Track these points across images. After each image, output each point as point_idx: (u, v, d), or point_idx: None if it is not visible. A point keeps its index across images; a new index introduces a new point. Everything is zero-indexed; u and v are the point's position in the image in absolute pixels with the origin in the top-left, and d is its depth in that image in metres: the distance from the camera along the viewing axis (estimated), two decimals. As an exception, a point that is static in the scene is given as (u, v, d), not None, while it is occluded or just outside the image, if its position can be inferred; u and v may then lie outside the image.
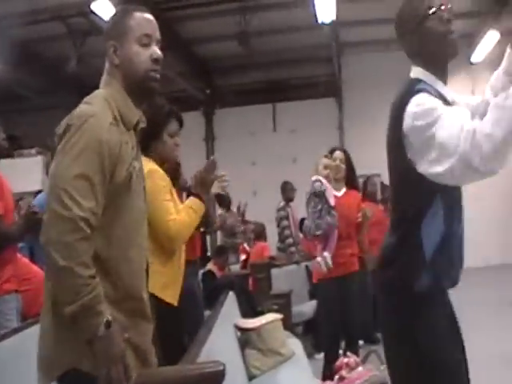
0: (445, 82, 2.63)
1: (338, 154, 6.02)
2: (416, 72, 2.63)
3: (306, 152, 11.93)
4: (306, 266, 9.02)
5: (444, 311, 2.62)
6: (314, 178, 5.83)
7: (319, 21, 11.21)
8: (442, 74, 2.62)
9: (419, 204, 2.50)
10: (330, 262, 5.61)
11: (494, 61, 13.91)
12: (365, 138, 14.36)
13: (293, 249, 9.82)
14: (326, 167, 5.88)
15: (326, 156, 6.00)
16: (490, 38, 13.92)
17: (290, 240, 9.85)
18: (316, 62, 15.71)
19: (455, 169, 2.28)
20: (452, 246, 2.57)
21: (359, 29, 14.60)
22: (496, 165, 2.26)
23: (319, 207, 5.70)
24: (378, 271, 2.66)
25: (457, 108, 2.49)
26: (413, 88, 2.51)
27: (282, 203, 10.07)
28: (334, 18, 11.16)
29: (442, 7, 2.55)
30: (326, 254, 5.65)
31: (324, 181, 5.78)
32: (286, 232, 9.88)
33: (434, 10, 2.54)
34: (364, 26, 14.36)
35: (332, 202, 5.75)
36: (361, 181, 7.47)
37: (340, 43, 15.33)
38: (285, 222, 9.87)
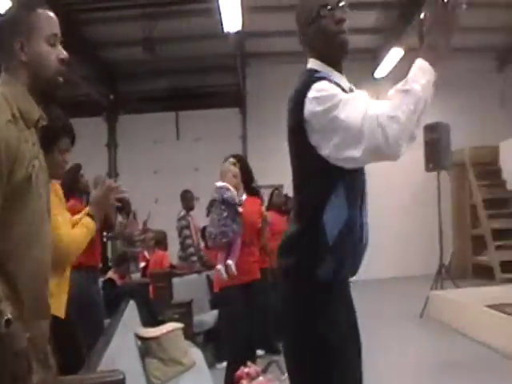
0: (340, 72, 2.67)
1: (232, 160, 6.05)
2: (312, 63, 2.68)
3: (209, 161, 11.92)
4: (207, 276, 9.01)
5: (345, 301, 2.68)
6: (219, 184, 5.83)
7: (225, 30, 11.23)
8: (338, 66, 2.67)
9: (322, 190, 2.51)
10: (234, 269, 5.61)
11: (398, 77, 14.28)
12: (268, 149, 14.46)
13: (194, 258, 9.79)
14: (235, 176, 5.90)
15: (234, 164, 6.01)
16: (394, 55, 14.29)
17: (192, 249, 9.82)
18: (221, 72, 15.72)
19: (366, 152, 2.32)
20: (355, 232, 2.59)
21: (265, 40, 14.73)
22: (401, 147, 2.33)
23: (225, 214, 5.69)
24: (281, 259, 2.64)
25: (358, 93, 2.54)
26: (311, 76, 2.55)
27: (183, 212, 10.00)
28: (239, 27, 11.19)
29: (341, 3, 2.63)
30: (229, 261, 5.64)
31: (232, 189, 5.79)
32: (188, 241, 9.83)
33: (327, 9, 2.60)
34: (270, 37, 14.49)
35: (240, 209, 5.78)
36: (264, 191, 7.53)
37: (245, 53, 15.42)
38: (186, 232, 9.82)
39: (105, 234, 6.83)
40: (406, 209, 16.03)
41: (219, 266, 5.69)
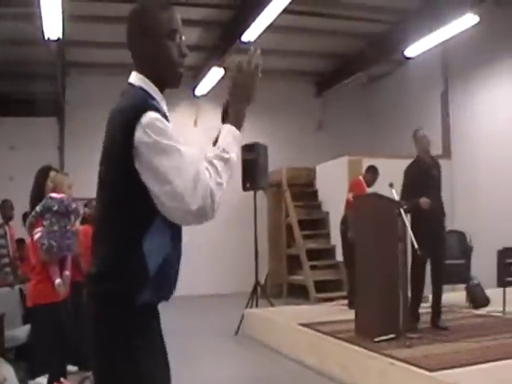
0: (162, 93, 2.57)
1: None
2: (139, 80, 2.52)
3: (24, 171, 11.39)
4: (20, 289, 8.57)
5: (158, 328, 2.58)
6: (59, 195, 5.68)
7: (46, 37, 10.81)
8: (161, 88, 2.56)
9: (143, 217, 2.37)
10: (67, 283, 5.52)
11: (218, 95, 14.41)
12: (86, 161, 14.00)
13: (8, 269, 9.30)
14: (69, 187, 5.79)
15: (66, 175, 5.93)
16: (215, 74, 14.39)
17: (6, 260, 9.31)
18: (41, 79, 15.10)
19: (191, 213, 2.28)
20: (175, 263, 2.53)
21: (87, 50, 14.37)
22: (215, 212, 2.35)
23: (68, 227, 5.56)
24: (95, 282, 2.47)
25: (192, 150, 2.43)
26: (144, 99, 2.41)
27: (0, 221, 9.53)
28: (60, 35, 10.82)
29: (182, 38, 2.55)
30: (67, 273, 5.56)
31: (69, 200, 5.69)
32: (2, 251, 9.33)
33: (177, 36, 2.53)
34: (92, 48, 14.16)
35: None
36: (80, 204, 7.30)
37: (66, 62, 14.96)
38: (1, 241, 9.33)
39: None
40: (224, 227, 16.09)
41: (58, 280, 5.50)
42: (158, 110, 2.38)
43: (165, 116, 2.42)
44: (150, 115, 2.31)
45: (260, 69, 2.65)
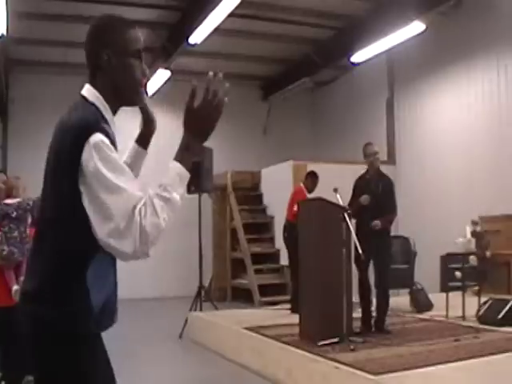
0: (114, 113, 2.48)
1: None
2: (92, 94, 2.42)
3: (-34, 171, 11.16)
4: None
5: (104, 352, 2.50)
6: (7, 200, 5.55)
7: (-11, 34, 10.59)
8: (116, 105, 2.48)
9: (86, 243, 2.26)
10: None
11: (164, 97, 14.33)
12: (30, 161, 13.78)
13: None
14: (24, 190, 5.67)
15: (18, 178, 5.81)
16: (161, 75, 14.29)
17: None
18: (-17, 77, 14.85)
19: (120, 248, 2.21)
20: (115, 290, 2.49)
21: (31, 47, 14.13)
22: (148, 253, 2.32)
23: (20, 230, 5.44)
24: (35, 306, 2.37)
25: (132, 182, 2.32)
26: (95, 120, 2.31)
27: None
28: (4, 32, 10.60)
29: (143, 64, 2.51)
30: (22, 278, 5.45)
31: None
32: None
33: (141, 55, 2.50)
34: (36, 46, 13.93)
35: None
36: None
37: (10, 60, 14.67)
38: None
39: None
40: (169, 230, 15.89)
41: (16, 287, 5.39)
42: (108, 134, 2.28)
43: (113, 143, 2.32)
44: (100, 138, 2.22)
45: (226, 99, 2.52)
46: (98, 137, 2.22)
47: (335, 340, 6.84)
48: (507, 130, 11.68)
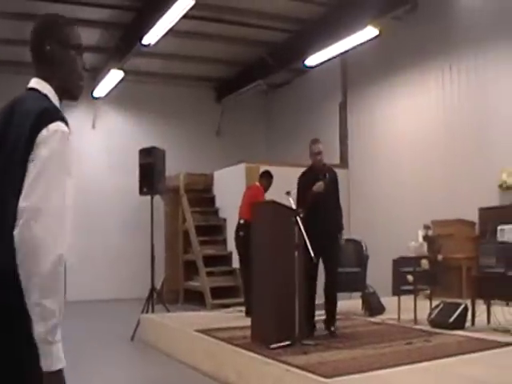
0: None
1: None
2: (43, 87, 2.43)
3: None
4: None
5: None
6: None
7: None
8: (60, 99, 2.51)
9: None
10: None
11: (117, 97, 14.13)
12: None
13: None
14: None
15: None
16: (114, 75, 14.15)
17: None
18: None
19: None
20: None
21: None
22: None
23: None
24: None
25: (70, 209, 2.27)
26: (56, 108, 2.33)
27: None
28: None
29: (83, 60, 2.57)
30: None
31: None
32: None
33: (81, 50, 2.55)
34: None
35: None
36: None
37: None
38: None
39: None
40: (122, 231, 15.92)
41: None
42: (67, 125, 2.29)
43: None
44: (61, 127, 2.24)
45: None
46: (59, 125, 2.23)
47: (287, 343, 6.82)
48: (458, 135, 11.84)
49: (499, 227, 9.37)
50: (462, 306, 7.76)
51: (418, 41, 12.74)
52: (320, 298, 7.93)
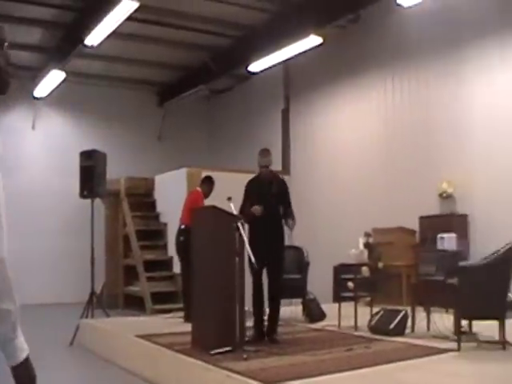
0: None
1: None
2: None
3: None
4: None
5: None
6: None
7: None
8: None
9: None
10: None
11: (58, 98, 13.89)
12: None
13: None
14: None
15: None
16: (55, 76, 13.94)
17: None
18: None
19: None
20: None
21: None
22: None
23: None
24: None
25: None
26: None
27: None
28: None
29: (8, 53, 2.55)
30: None
31: None
32: None
33: (5, 45, 2.55)
34: None
35: None
36: None
37: None
38: None
39: None
40: (62, 235, 15.71)
41: None
42: None
43: None
44: None
45: None
46: None
47: (228, 349, 6.79)
48: (400, 145, 12.01)
49: (439, 235, 9.54)
50: (402, 313, 7.84)
51: (362, 50, 12.90)
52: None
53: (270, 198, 7.82)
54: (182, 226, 9.96)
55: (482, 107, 10.72)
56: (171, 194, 13.72)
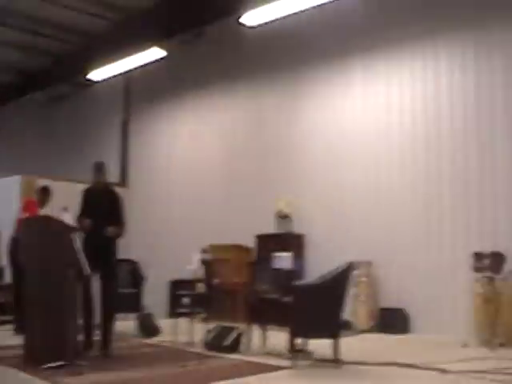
0: None
1: None
2: None
3: None
4: None
5: None
6: None
7: None
8: None
9: None
10: None
11: None
12: None
13: None
14: None
15: None
16: None
17: None
18: None
19: None
20: None
21: None
22: None
23: None
24: None
25: None
26: None
27: None
28: None
29: None
30: None
31: None
32: None
33: None
34: None
35: None
36: None
37: None
38: None
39: None
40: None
41: None
42: None
43: None
44: None
45: None
46: None
47: (60, 363, 6.54)
48: (240, 163, 12.16)
49: (274, 254, 9.67)
50: (237, 330, 7.87)
51: (205, 64, 12.94)
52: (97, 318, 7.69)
53: (103, 210, 7.67)
54: (14, 235, 9.58)
55: (319, 131, 11.04)
56: (4, 202, 13.09)
